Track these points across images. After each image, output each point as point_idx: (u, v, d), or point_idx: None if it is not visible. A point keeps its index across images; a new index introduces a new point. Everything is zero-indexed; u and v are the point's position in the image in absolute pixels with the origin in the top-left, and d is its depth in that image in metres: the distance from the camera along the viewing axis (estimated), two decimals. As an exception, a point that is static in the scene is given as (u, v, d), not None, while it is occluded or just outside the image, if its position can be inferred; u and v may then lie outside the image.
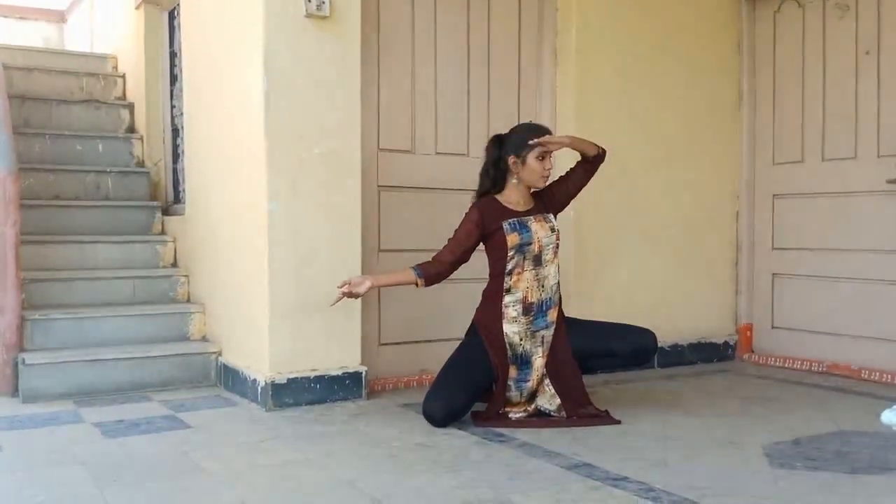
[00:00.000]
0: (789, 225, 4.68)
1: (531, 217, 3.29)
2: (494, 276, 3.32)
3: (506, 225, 3.25)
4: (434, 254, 3.33)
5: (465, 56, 4.19)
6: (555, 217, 3.37)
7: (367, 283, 3.30)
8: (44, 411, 3.43)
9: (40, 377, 3.62)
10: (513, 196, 3.33)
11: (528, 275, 3.26)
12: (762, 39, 4.81)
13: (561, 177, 3.45)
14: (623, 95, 4.46)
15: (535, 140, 3.26)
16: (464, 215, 3.33)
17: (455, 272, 3.37)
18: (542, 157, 3.28)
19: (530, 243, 3.24)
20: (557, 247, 3.33)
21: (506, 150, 3.32)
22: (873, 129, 4.24)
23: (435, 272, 3.29)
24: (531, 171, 3.29)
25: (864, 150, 4.29)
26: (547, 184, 3.37)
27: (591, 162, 3.38)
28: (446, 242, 3.32)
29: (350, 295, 3.29)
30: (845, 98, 4.36)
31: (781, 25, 4.70)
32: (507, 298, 3.27)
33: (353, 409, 3.47)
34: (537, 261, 3.26)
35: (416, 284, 3.28)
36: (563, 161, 3.67)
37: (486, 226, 3.26)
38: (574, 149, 3.38)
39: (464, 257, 3.32)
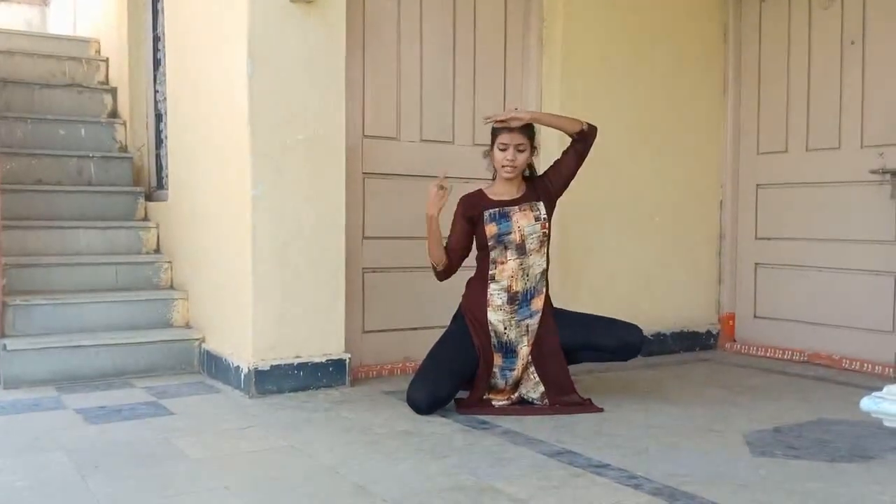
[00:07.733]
0: (772, 215, 4.71)
1: (515, 207, 3.28)
2: (479, 264, 3.33)
3: (486, 215, 3.27)
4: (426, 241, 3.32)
5: (451, 43, 4.18)
6: (548, 204, 3.33)
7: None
8: (26, 397, 3.41)
9: (22, 363, 3.60)
10: (499, 187, 3.34)
11: (512, 264, 3.26)
12: (748, 29, 4.82)
13: (555, 161, 3.42)
14: (609, 85, 4.46)
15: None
16: None
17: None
18: (504, 147, 3.25)
19: (509, 233, 3.24)
20: (545, 236, 3.30)
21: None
22: (857, 119, 4.26)
23: (449, 268, 3.36)
24: (496, 162, 3.30)
25: (847, 141, 4.31)
26: (514, 175, 3.28)
27: (581, 141, 3.34)
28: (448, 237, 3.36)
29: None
30: (830, 88, 4.38)
31: (767, 15, 4.71)
32: (493, 287, 3.27)
33: (336, 397, 3.47)
34: (521, 250, 3.26)
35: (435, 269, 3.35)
36: (552, 146, 3.67)
37: (469, 216, 3.29)
38: (547, 125, 3.40)
39: (465, 252, 3.37)
